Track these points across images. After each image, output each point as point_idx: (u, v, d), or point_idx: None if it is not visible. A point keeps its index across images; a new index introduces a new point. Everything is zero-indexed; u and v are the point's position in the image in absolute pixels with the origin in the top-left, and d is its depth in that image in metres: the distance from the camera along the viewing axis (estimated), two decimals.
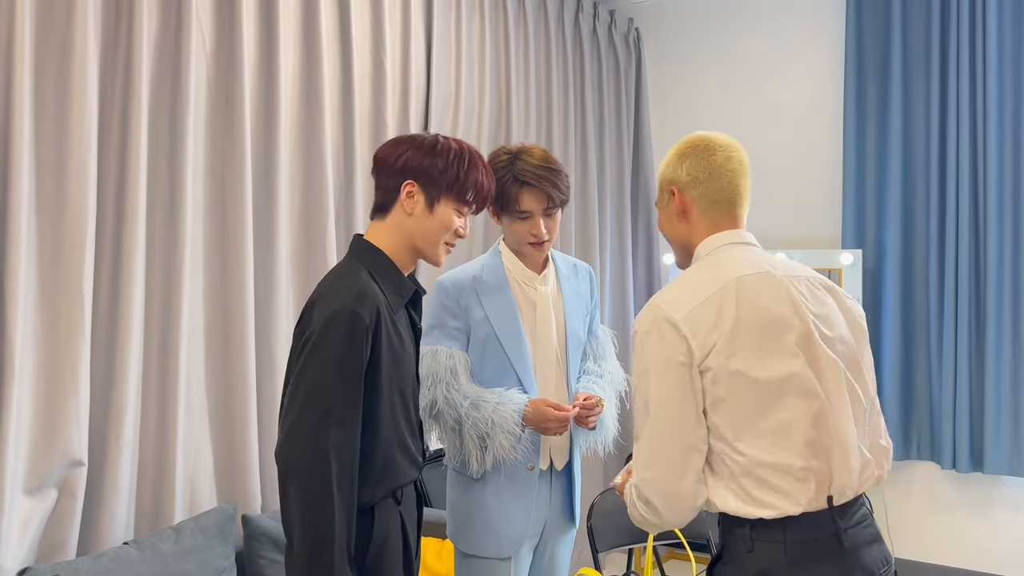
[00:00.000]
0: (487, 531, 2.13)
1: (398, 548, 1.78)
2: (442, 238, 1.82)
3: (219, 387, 2.67)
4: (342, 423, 1.63)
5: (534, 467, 2.16)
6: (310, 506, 1.60)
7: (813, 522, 1.55)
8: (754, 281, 1.63)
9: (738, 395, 1.56)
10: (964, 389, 3.79)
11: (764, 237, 4.32)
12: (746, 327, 1.58)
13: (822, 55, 4.25)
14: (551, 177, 2.13)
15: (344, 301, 1.65)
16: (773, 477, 1.54)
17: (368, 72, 3.15)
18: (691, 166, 1.76)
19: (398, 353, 1.76)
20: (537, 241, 2.17)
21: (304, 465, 1.61)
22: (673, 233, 1.80)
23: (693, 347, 1.57)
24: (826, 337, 1.64)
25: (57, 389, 2.23)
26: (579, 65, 4.27)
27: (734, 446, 1.56)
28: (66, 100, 2.25)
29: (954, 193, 3.81)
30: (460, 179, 1.80)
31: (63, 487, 2.25)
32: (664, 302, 1.63)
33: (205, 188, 2.64)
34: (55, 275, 2.24)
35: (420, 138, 1.84)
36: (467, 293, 2.17)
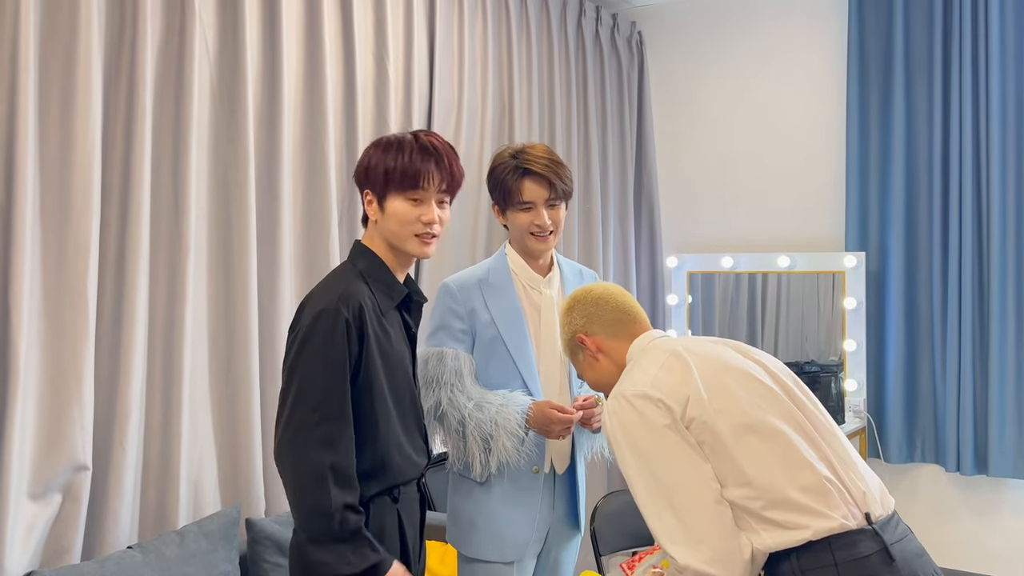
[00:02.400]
0: (491, 535, 2.13)
1: (395, 546, 1.79)
2: (407, 231, 1.82)
3: (222, 391, 2.67)
4: (331, 417, 1.67)
5: (539, 471, 2.16)
6: (307, 498, 1.65)
7: (858, 540, 1.54)
8: (694, 345, 1.75)
9: (730, 431, 1.58)
10: (968, 391, 3.78)
11: (766, 240, 4.33)
12: (708, 373, 1.65)
13: (824, 58, 4.25)
14: (554, 167, 2.14)
15: (327, 301, 1.71)
16: (800, 497, 1.54)
17: (371, 76, 3.15)
18: (579, 311, 1.89)
19: (387, 352, 1.78)
20: (540, 232, 2.16)
21: (298, 461, 1.66)
22: (601, 376, 1.88)
23: (670, 405, 1.61)
24: (774, 374, 1.72)
25: (61, 394, 2.23)
26: (582, 68, 4.27)
27: (747, 485, 1.56)
28: (70, 105, 2.26)
29: (957, 195, 3.81)
30: (390, 170, 1.79)
31: (67, 491, 2.25)
32: (626, 386, 1.69)
33: (209, 193, 2.64)
34: (59, 280, 2.24)
35: (373, 143, 1.88)
36: (472, 295, 2.17)
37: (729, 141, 4.50)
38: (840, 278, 4.05)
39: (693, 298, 4.44)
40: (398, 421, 1.80)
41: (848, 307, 3.99)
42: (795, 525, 1.53)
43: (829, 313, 4.15)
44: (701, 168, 4.59)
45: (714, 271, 4.36)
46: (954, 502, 3.97)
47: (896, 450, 3.97)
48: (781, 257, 4.16)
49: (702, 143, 4.58)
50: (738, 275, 4.32)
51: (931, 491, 4.00)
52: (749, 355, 1.75)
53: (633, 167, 4.58)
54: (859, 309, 3.98)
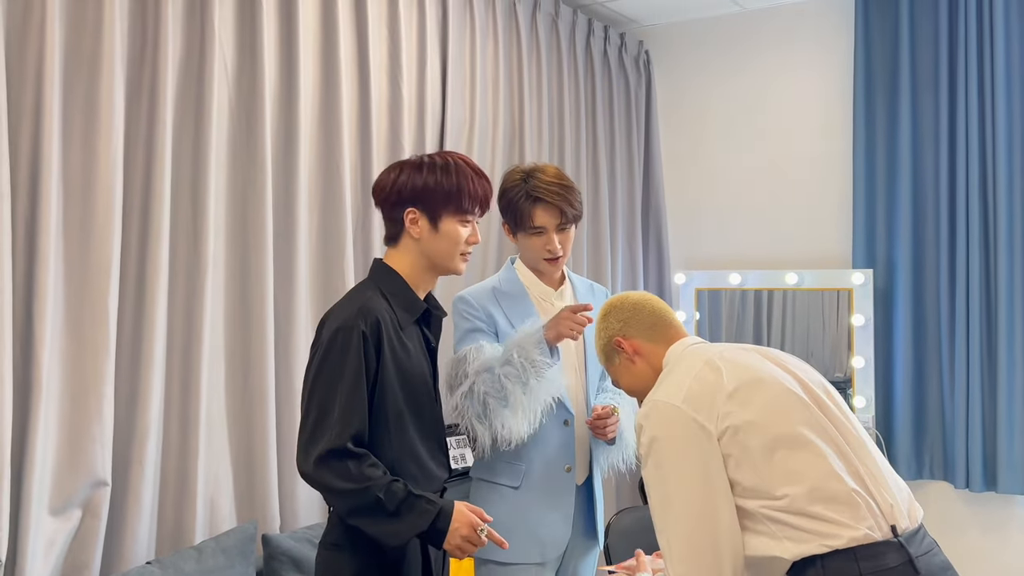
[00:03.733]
0: (529, 537, 2.13)
1: (416, 563, 1.82)
2: (456, 251, 1.89)
3: (239, 408, 2.69)
4: (351, 424, 1.71)
5: (571, 468, 2.18)
6: (343, 491, 1.70)
7: (884, 552, 1.55)
8: (728, 353, 1.76)
9: (760, 444, 1.61)
10: (977, 408, 3.79)
11: (773, 258, 4.35)
12: (740, 384, 1.67)
13: (831, 75, 4.29)
14: (564, 193, 2.17)
15: (345, 317, 1.76)
16: (825, 508, 1.56)
17: (385, 96, 3.19)
18: (615, 316, 1.91)
19: (404, 366, 1.82)
20: (552, 257, 2.22)
21: (326, 473, 1.69)
22: (638, 380, 1.88)
23: (703, 423, 1.63)
24: (805, 384, 1.74)
25: (82, 410, 2.26)
26: (590, 88, 4.31)
27: (773, 495, 1.58)
28: (93, 124, 2.29)
29: (964, 211, 3.83)
30: (453, 193, 1.85)
31: (87, 507, 2.27)
32: (659, 395, 1.70)
33: (227, 212, 2.67)
34: (81, 298, 2.27)
35: (409, 162, 1.92)
36: (489, 304, 2.21)
37: (736, 158, 4.53)
38: (848, 295, 4.07)
39: (701, 315, 4.46)
40: (416, 433, 1.83)
41: (856, 324, 4.01)
42: (822, 535, 1.55)
43: (834, 329, 4.17)
44: (708, 185, 4.62)
45: (722, 288, 4.38)
46: (963, 519, 3.97)
47: (905, 467, 3.97)
48: (789, 274, 4.18)
49: (709, 161, 4.62)
50: (744, 292, 4.35)
51: (940, 508, 4.00)
52: (782, 364, 1.77)
53: (641, 184, 4.62)
54: (867, 326, 4.00)
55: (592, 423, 2.19)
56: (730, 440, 1.61)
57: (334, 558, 1.79)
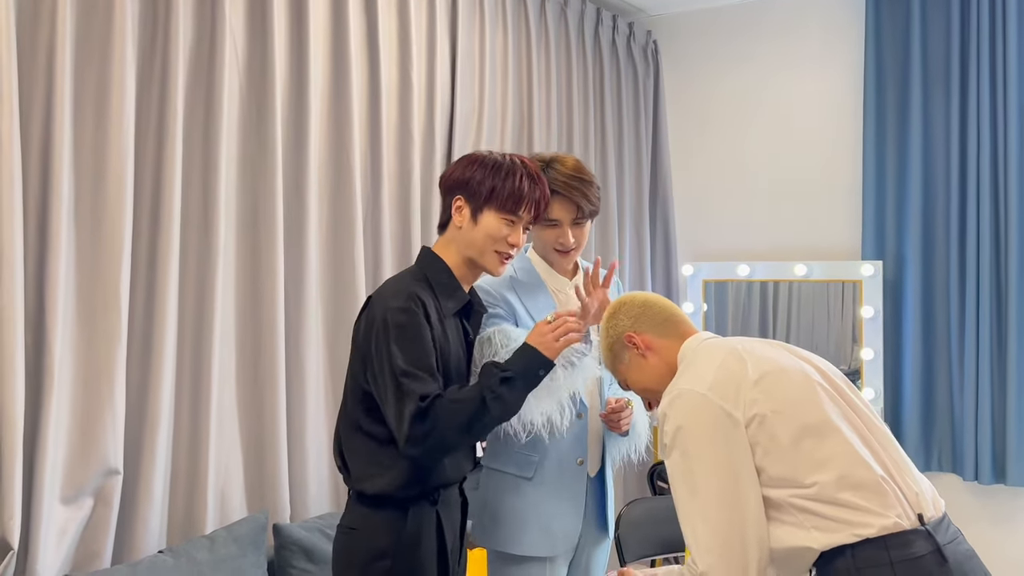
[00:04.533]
0: (541, 530, 2.12)
1: (431, 548, 1.82)
2: (489, 247, 1.90)
3: (250, 397, 2.69)
4: (427, 383, 1.75)
5: (583, 462, 2.17)
6: (469, 439, 1.80)
7: (912, 540, 1.55)
8: (748, 344, 1.74)
9: (788, 433, 1.59)
10: (986, 400, 3.78)
11: (782, 250, 4.34)
12: (765, 373, 1.65)
13: (841, 65, 4.27)
14: (581, 187, 2.14)
15: (395, 299, 1.79)
16: (854, 496, 1.56)
17: (395, 85, 3.18)
18: (625, 313, 1.88)
19: (445, 353, 1.84)
20: (564, 250, 2.20)
21: (423, 437, 1.71)
22: (650, 377, 1.85)
23: (730, 411, 1.61)
24: (826, 375, 1.73)
25: (94, 399, 2.25)
26: (598, 77, 4.30)
27: (802, 483, 1.57)
28: (104, 111, 2.28)
29: (975, 203, 3.81)
30: (497, 189, 1.87)
31: (99, 495, 2.26)
32: (683, 384, 1.68)
33: (237, 199, 2.66)
34: (92, 284, 2.26)
35: (472, 155, 1.96)
36: (506, 290, 2.19)
37: (745, 149, 4.51)
38: (856, 287, 4.05)
39: (708, 306, 4.45)
40: None
41: (865, 316, 4.00)
42: (853, 524, 1.55)
43: (839, 322, 4.16)
44: (717, 176, 4.60)
45: (730, 279, 4.37)
46: (972, 511, 3.97)
47: (913, 459, 3.88)
48: (798, 266, 4.17)
49: (718, 151, 4.60)
50: (750, 283, 4.33)
51: (948, 500, 3.94)
52: (801, 356, 1.76)
53: (648, 175, 4.60)
54: (876, 318, 3.99)
55: (607, 416, 2.18)
56: (757, 428, 1.60)
57: (351, 541, 1.80)
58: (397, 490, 1.79)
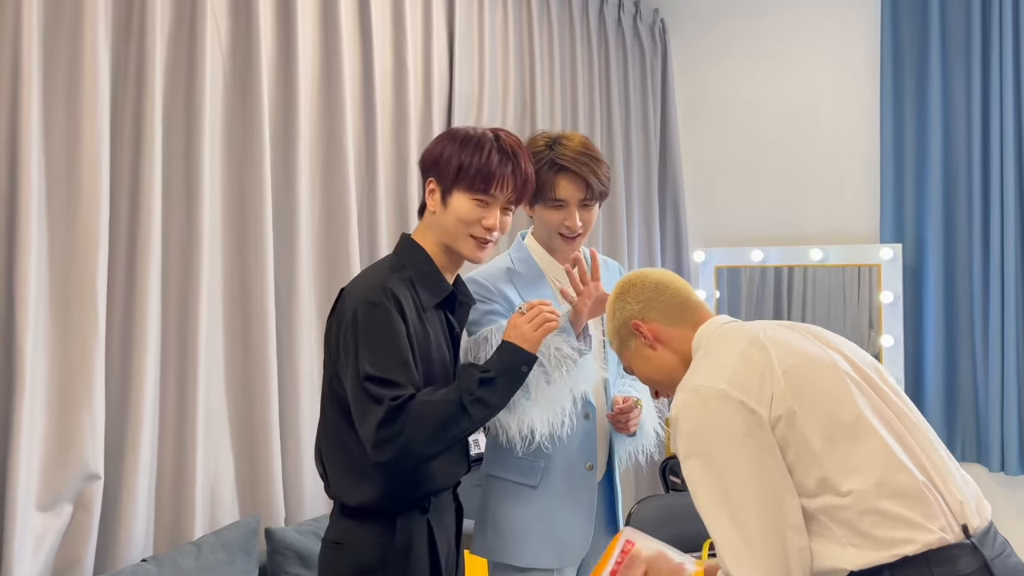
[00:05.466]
0: (549, 540, 1.97)
1: (423, 561, 1.69)
2: (463, 231, 1.74)
3: (239, 395, 2.57)
4: (404, 384, 1.61)
5: (592, 467, 2.03)
6: (441, 445, 1.64)
7: (958, 555, 1.38)
8: (773, 332, 1.56)
9: (818, 433, 1.43)
10: (1012, 388, 3.63)
11: (798, 233, 4.19)
12: (791, 366, 1.49)
13: (856, 41, 4.10)
14: (591, 164, 1.99)
15: (367, 294, 1.65)
16: (895, 504, 1.39)
17: (389, 66, 3.04)
18: (634, 296, 1.70)
19: (424, 352, 1.69)
20: (570, 235, 2.03)
21: (392, 440, 1.58)
22: (656, 368, 1.68)
23: (753, 408, 1.44)
24: (857, 366, 1.56)
25: (71, 399, 2.14)
26: (604, 57, 4.15)
27: (837, 491, 1.41)
28: (76, 95, 2.16)
29: (998, 183, 3.66)
30: (464, 166, 1.71)
31: (78, 501, 2.16)
32: (699, 378, 1.51)
33: (222, 188, 2.54)
34: (67, 279, 2.15)
35: (447, 131, 1.81)
36: (505, 286, 2.03)
37: (757, 130, 4.35)
38: (874, 271, 3.90)
39: (721, 293, 4.30)
40: None
41: (885, 301, 3.85)
42: (893, 542, 1.38)
43: (855, 308, 4.01)
44: (728, 159, 4.45)
45: (743, 265, 4.22)
46: (998, 502, 3.78)
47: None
48: (813, 250, 4.02)
49: (729, 133, 4.45)
50: (764, 269, 4.18)
51: None
52: (829, 343, 1.59)
53: (657, 158, 4.45)
54: (896, 303, 3.83)
55: (614, 417, 2.04)
56: (786, 428, 1.43)
57: (336, 556, 1.67)
58: (378, 501, 1.66)
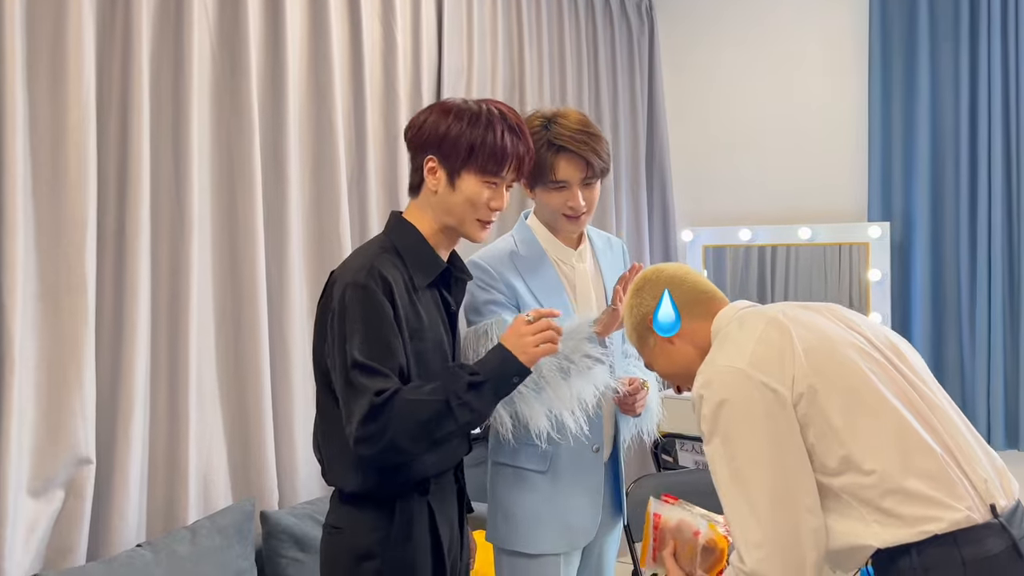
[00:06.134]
0: (559, 526, 1.96)
1: (425, 544, 1.65)
2: (471, 215, 1.67)
3: (232, 376, 2.53)
4: (385, 376, 1.55)
5: (599, 449, 2.00)
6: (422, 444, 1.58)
7: (985, 536, 1.37)
8: (793, 312, 1.55)
9: (839, 411, 1.42)
10: (999, 364, 3.65)
11: (787, 212, 4.18)
12: (811, 346, 1.48)
13: (845, 19, 4.08)
14: (590, 142, 1.94)
15: (354, 275, 1.58)
16: (921, 483, 1.38)
17: (378, 42, 2.99)
18: (651, 292, 1.67)
19: (418, 334, 1.64)
20: (574, 214, 1.99)
21: (376, 436, 1.53)
22: (677, 363, 1.66)
23: (775, 388, 1.43)
24: (875, 344, 1.55)
25: (61, 383, 2.09)
26: (592, 35, 4.11)
27: (860, 469, 1.40)
28: (61, 73, 2.10)
29: (986, 161, 3.66)
30: (476, 147, 1.63)
31: (70, 487, 2.11)
32: (720, 360, 1.50)
33: (212, 165, 2.48)
34: (55, 260, 2.09)
35: (441, 105, 1.70)
36: (508, 271, 1.98)
37: (744, 108, 4.33)
38: (862, 249, 3.91)
39: (708, 273, 4.29)
40: None
41: (872, 279, 3.85)
42: (919, 519, 1.37)
43: (836, 286, 4.01)
44: (715, 137, 4.43)
45: (732, 244, 4.21)
46: None
47: None
48: (802, 229, 4.01)
49: (717, 111, 4.42)
50: (747, 249, 4.17)
51: None
52: (849, 322, 1.58)
53: (644, 137, 4.42)
54: (884, 281, 3.84)
55: (621, 400, 2.01)
56: (807, 406, 1.42)
57: (335, 542, 1.64)
58: (376, 487, 1.62)
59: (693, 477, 2.90)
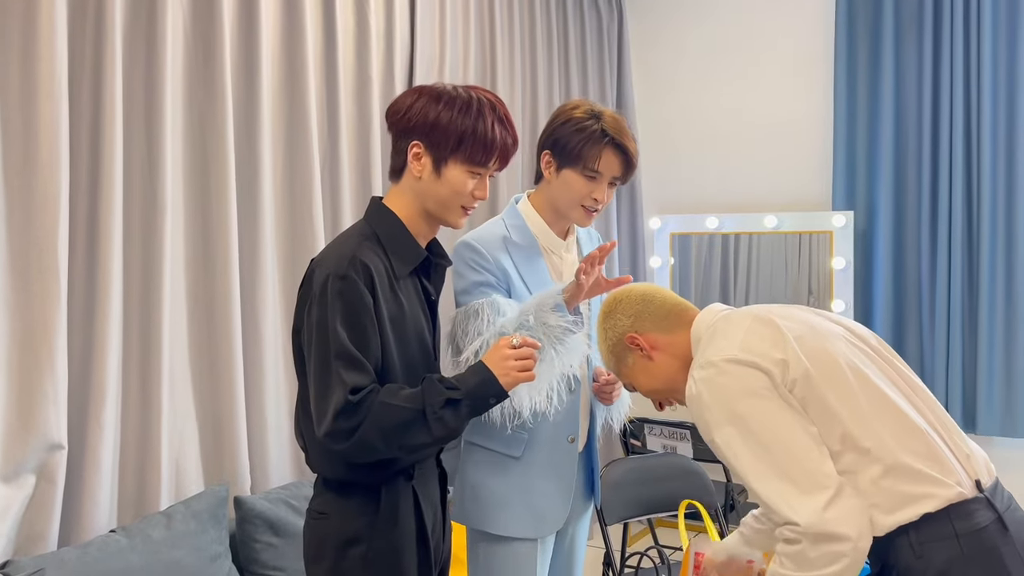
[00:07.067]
0: (528, 511, 1.96)
1: (410, 528, 1.65)
2: (456, 203, 1.66)
3: (204, 361, 2.51)
4: (362, 370, 1.54)
5: (574, 440, 2.02)
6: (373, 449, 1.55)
7: (974, 509, 1.42)
8: (777, 308, 1.60)
9: (834, 394, 1.46)
10: (957, 350, 3.75)
11: (753, 201, 4.24)
12: (800, 335, 1.51)
13: (812, 12, 4.15)
14: (631, 144, 1.97)
15: (335, 265, 1.56)
16: (913, 461, 1.42)
17: (351, 26, 2.97)
18: (623, 311, 1.70)
19: (399, 323, 1.63)
20: (594, 208, 2.00)
21: (347, 433, 1.52)
22: (658, 377, 1.68)
23: (767, 368, 1.46)
24: (860, 335, 1.61)
25: (32, 367, 2.06)
26: (562, 24, 4.12)
27: (858, 446, 1.43)
28: (33, 51, 2.06)
29: (947, 152, 3.75)
30: (467, 136, 1.60)
31: (42, 472, 2.08)
32: (710, 354, 1.51)
33: (185, 150, 2.46)
34: (26, 241, 2.06)
35: (430, 89, 1.66)
36: (501, 255, 1.97)
37: (713, 99, 4.38)
38: (826, 238, 3.98)
39: (675, 259, 4.34)
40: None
41: (837, 267, 3.93)
42: (914, 496, 1.42)
43: (796, 273, 4.08)
44: (684, 127, 4.47)
45: (699, 232, 4.26)
46: None
47: None
48: (768, 217, 4.07)
49: (685, 100, 4.46)
50: (711, 236, 4.23)
51: None
52: (830, 317, 1.63)
53: None
54: (847, 269, 3.92)
55: (599, 388, 2.04)
56: (804, 388, 1.46)
57: (321, 527, 1.63)
58: (361, 474, 1.62)
59: (661, 461, 2.94)
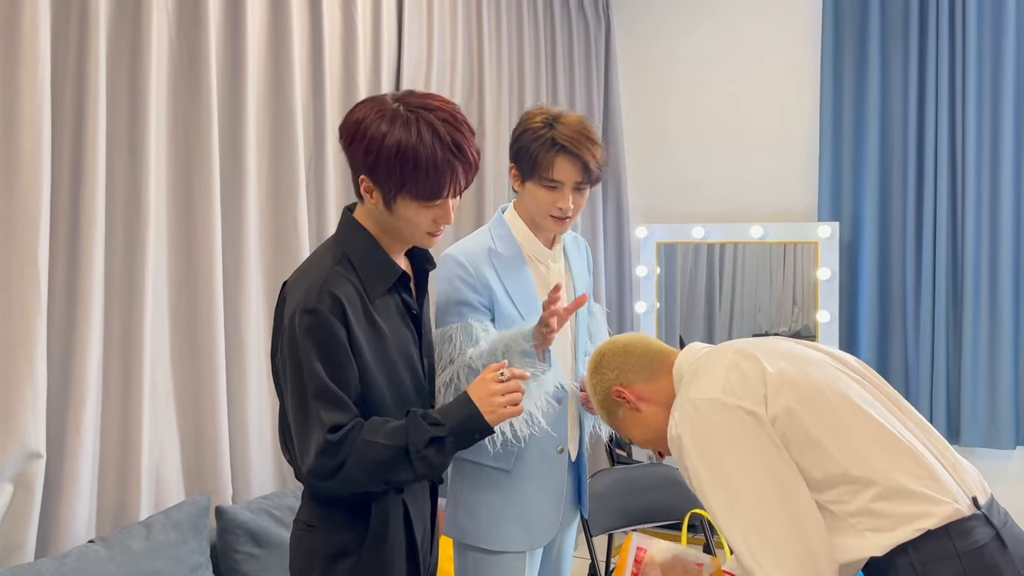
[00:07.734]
0: (521, 524, 1.95)
1: (400, 542, 1.63)
2: (417, 233, 1.59)
3: (186, 370, 2.47)
4: (341, 407, 1.50)
5: (563, 450, 2.01)
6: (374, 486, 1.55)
7: (973, 527, 1.41)
8: (756, 342, 1.61)
9: (819, 423, 1.45)
10: (941, 361, 3.76)
11: (739, 211, 4.24)
12: (781, 366, 1.52)
13: (798, 23, 4.16)
14: (591, 147, 1.95)
15: (304, 298, 1.51)
16: (909, 482, 1.41)
17: (338, 29, 2.95)
18: (607, 365, 1.73)
19: (377, 346, 1.58)
20: (561, 216, 1.99)
21: (331, 471, 1.50)
22: (648, 427, 1.69)
23: (751, 409, 1.45)
24: (845, 361, 1.62)
25: (11, 374, 2.02)
26: (550, 32, 4.12)
27: (848, 475, 1.42)
28: (15, 56, 2.02)
29: (932, 163, 3.77)
30: (408, 178, 1.49)
31: (19, 481, 2.04)
32: (694, 392, 1.51)
33: (168, 155, 2.43)
34: (7, 249, 2.02)
35: (377, 108, 1.53)
36: (485, 269, 1.96)
37: (700, 108, 4.39)
38: (811, 249, 3.99)
39: (660, 269, 4.34)
40: (395, 412, 1.61)
41: (822, 278, 3.94)
42: (912, 517, 1.41)
43: (781, 284, 4.10)
44: (670, 137, 4.48)
45: (685, 242, 4.26)
46: None
47: None
48: (754, 227, 4.08)
49: (671, 111, 4.47)
50: (697, 246, 4.24)
51: None
52: (812, 346, 1.63)
53: (600, 134, 4.40)
54: (832, 279, 3.93)
55: (586, 398, 2.02)
56: (786, 425, 1.44)
57: (309, 539, 1.61)
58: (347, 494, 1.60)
59: (648, 471, 2.93)
